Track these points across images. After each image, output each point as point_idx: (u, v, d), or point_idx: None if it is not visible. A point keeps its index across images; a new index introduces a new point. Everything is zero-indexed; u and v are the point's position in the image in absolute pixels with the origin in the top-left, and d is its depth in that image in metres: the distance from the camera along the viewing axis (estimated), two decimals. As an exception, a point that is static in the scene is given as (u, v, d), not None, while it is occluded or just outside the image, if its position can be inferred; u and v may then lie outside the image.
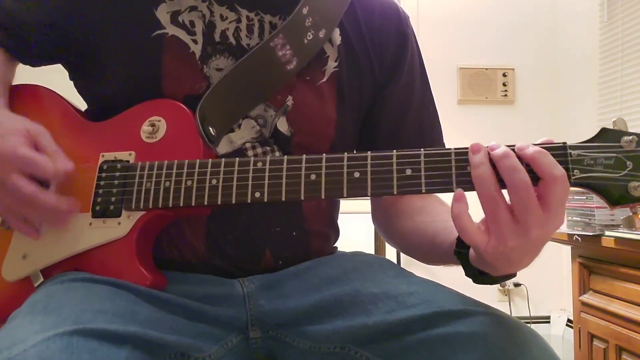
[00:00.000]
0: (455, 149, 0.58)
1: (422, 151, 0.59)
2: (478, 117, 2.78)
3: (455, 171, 0.58)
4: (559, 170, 0.53)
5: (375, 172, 0.60)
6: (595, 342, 1.66)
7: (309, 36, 0.77)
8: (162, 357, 0.59)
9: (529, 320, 2.59)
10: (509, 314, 0.65)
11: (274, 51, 0.75)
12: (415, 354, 0.61)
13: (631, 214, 0.57)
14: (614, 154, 0.56)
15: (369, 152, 0.61)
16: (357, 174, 0.61)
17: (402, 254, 2.46)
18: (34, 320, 0.55)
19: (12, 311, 0.60)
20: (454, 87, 2.76)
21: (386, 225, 0.87)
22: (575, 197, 1.67)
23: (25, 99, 0.79)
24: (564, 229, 1.72)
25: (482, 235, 0.55)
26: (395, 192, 0.59)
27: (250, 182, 0.64)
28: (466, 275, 0.65)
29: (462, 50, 2.77)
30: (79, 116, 0.78)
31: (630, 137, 0.55)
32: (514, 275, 0.61)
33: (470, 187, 0.56)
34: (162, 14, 0.75)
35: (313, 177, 0.62)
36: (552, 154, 0.55)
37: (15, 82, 0.83)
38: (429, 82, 0.89)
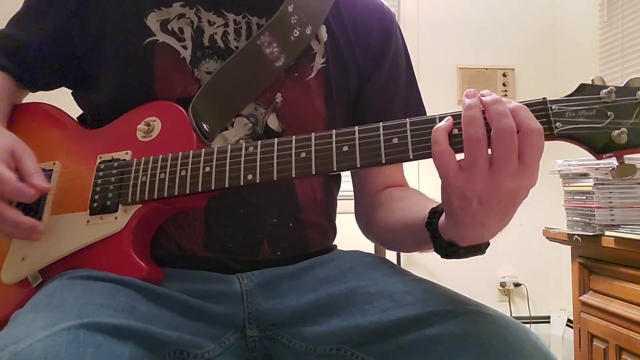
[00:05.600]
0: (439, 114, 0.59)
1: (407, 120, 0.60)
2: (478, 117, 2.78)
3: None
4: (536, 123, 0.54)
5: (363, 144, 0.61)
6: (595, 342, 1.65)
7: (296, 33, 0.79)
8: (162, 354, 0.59)
9: (529, 320, 2.59)
10: (508, 314, 0.65)
11: (260, 49, 0.77)
12: (410, 354, 0.61)
13: (618, 163, 0.57)
14: (595, 106, 0.57)
15: (356, 126, 0.62)
16: (345, 148, 0.62)
17: (402, 254, 2.45)
18: (37, 317, 0.55)
19: (9, 315, 0.60)
20: (454, 87, 2.75)
21: (368, 218, 0.87)
22: (575, 197, 1.67)
23: (28, 116, 0.82)
24: (564, 229, 1.72)
25: (456, 163, 0.55)
26: (383, 161, 0.60)
27: (242, 166, 0.65)
28: (435, 250, 0.65)
29: (462, 50, 2.77)
30: (77, 126, 0.81)
31: (608, 88, 0.57)
32: (481, 248, 0.62)
33: (456, 148, 0.56)
34: (152, 22, 0.77)
35: (303, 154, 0.63)
36: (534, 109, 0.56)
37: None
38: (415, 79, 0.91)
